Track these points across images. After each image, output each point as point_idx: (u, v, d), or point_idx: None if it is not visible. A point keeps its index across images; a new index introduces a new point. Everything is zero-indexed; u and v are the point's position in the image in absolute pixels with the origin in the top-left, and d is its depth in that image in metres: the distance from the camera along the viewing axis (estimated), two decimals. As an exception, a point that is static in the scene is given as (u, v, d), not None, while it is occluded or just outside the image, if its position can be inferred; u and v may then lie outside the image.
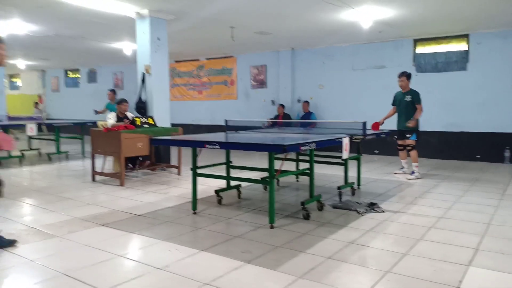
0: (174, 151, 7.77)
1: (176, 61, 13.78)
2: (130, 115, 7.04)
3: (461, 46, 9.07)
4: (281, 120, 9.77)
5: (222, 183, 5.69)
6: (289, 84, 11.40)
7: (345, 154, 4.72)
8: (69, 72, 17.32)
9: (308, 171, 4.65)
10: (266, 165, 4.12)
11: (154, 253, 3.33)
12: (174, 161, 7.50)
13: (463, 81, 9.04)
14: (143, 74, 7.58)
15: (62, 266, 3.03)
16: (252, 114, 11.96)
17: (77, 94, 16.85)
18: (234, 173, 5.51)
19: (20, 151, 8.82)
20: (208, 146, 4.05)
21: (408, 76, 6.94)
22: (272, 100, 11.78)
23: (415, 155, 6.88)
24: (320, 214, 4.48)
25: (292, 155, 6.34)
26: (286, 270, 2.95)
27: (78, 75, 16.97)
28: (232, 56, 12.61)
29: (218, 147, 4.05)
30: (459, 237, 3.70)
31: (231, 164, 5.32)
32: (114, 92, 10.13)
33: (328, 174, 6.94)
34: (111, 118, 6.86)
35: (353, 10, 7.05)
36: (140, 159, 7.17)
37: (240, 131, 5.84)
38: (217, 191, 4.98)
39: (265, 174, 5.30)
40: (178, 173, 7.05)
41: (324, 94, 10.93)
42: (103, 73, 15.97)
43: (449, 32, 9.00)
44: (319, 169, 6.79)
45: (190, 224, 4.13)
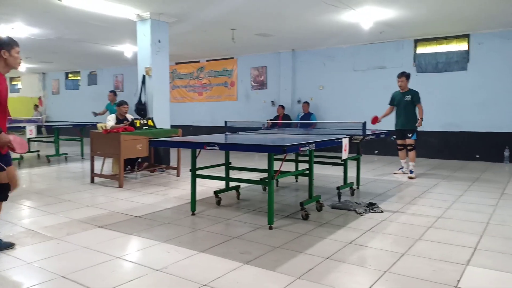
0: (173, 153, 7.77)
1: (176, 63, 13.80)
2: (129, 117, 7.05)
3: (461, 46, 9.07)
4: (281, 121, 9.77)
5: (221, 184, 5.69)
6: (289, 85, 11.40)
7: (345, 155, 4.72)
8: (70, 75, 17.36)
9: (308, 171, 4.65)
10: (265, 166, 4.12)
11: (153, 255, 3.32)
12: (173, 163, 7.50)
13: (464, 81, 9.04)
14: (144, 76, 7.59)
15: (60, 268, 3.03)
16: (252, 115, 11.97)
17: (78, 96, 16.89)
18: (233, 174, 5.51)
19: (19, 153, 8.83)
20: (207, 147, 4.05)
21: (407, 77, 6.97)
22: (272, 101, 11.78)
23: (414, 155, 6.91)
24: (319, 215, 4.48)
25: (292, 156, 6.34)
26: (285, 270, 2.94)
27: (79, 77, 17.01)
28: (233, 58, 12.63)
29: (218, 148, 4.04)
30: (458, 237, 3.70)
31: (230, 165, 5.32)
32: (115, 94, 10.15)
33: (327, 175, 6.94)
34: (110, 120, 6.87)
35: (353, 11, 7.06)
36: (139, 161, 7.18)
37: (240, 132, 5.84)
38: (216, 192, 4.97)
39: (265, 175, 5.32)
40: (177, 175, 7.05)
41: (324, 95, 10.93)
42: (103, 76, 16.00)
43: (449, 32, 9.00)
44: (318, 169, 6.80)
45: (189, 226, 4.13)
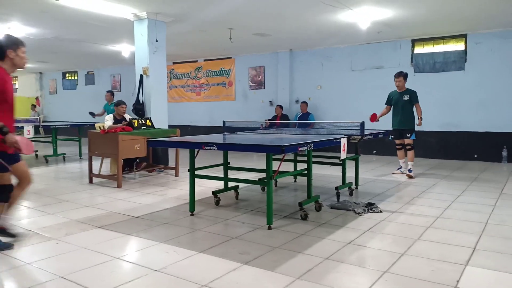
0: (171, 153, 7.76)
1: (174, 63, 13.78)
2: (127, 116, 7.03)
3: (459, 46, 9.09)
4: (279, 121, 9.77)
5: (220, 184, 5.68)
6: (287, 85, 11.41)
7: (343, 155, 4.72)
8: (67, 74, 17.31)
9: (306, 171, 4.65)
10: (264, 166, 4.11)
11: (152, 255, 3.32)
12: (171, 163, 7.49)
13: (461, 81, 9.06)
14: (141, 76, 7.57)
15: (59, 268, 3.02)
16: (250, 115, 11.96)
17: (75, 96, 16.84)
18: (232, 174, 5.51)
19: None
20: (206, 147, 4.04)
21: (405, 76, 7.00)
22: (270, 101, 11.78)
23: (413, 154, 6.96)
24: (318, 215, 4.48)
25: (290, 156, 6.34)
26: (284, 271, 2.94)
27: (76, 77, 16.96)
28: (231, 57, 12.62)
29: (216, 148, 4.04)
30: (456, 237, 3.70)
31: (229, 165, 5.32)
32: (112, 94, 10.10)
33: (326, 175, 6.94)
34: (108, 120, 6.86)
35: (351, 11, 7.07)
36: (137, 161, 7.16)
37: (238, 132, 5.83)
38: (214, 192, 4.96)
39: (263, 175, 5.32)
40: (176, 175, 7.04)
41: (322, 94, 10.94)
42: (101, 75, 15.97)
43: (447, 32, 9.02)
44: (317, 169, 6.80)
45: (187, 226, 4.12)
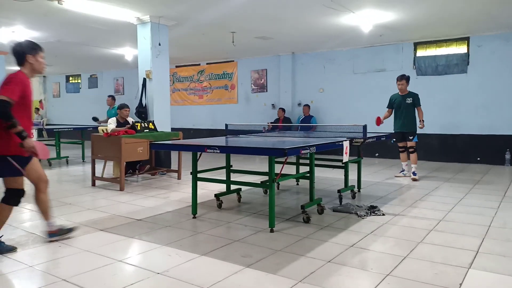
0: (174, 156, 7.77)
1: (176, 66, 13.82)
2: (130, 120, 7.05)
3: (461, 49, 9.09)
4: (281, 124, 9.77)
5: (222, 187, 5.69)
6: (289, 88, 11.42)
7: (346, 157, 4.71)
8: (70, 78, 17.38)
9: (309, 174, 4.65)
10: (266, 169, 4.12)
11: (154, 258, 3.32)
12: (174, 166, 7.50)
13: (464, 83, 9.05)
14: (144, 79, 7.60)
15: (61, 271, 3.03)
16: (252, 118, 11.97)
17: (78, 99, 16.90)
18: (234, 177, 5.50)
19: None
20: (208, 150, 4.05)
21: (407, 79, 7.02)
22: (272, 104, 11.79)
23: (416, 157, 6.97)
24: (321, 218, 4.47)
25: (293, 159, 6.34)
26: (287, 274, 2.93)
27: (79, 80, 17.03)
28: (233, 61, 12.65)
29: (218, 151, 4.04)
30: (459, 240, 3.69)
31: (231, 168, 5.32)
32: (113, 98, 10.10)
33: (328, 178, 6.94)
34: (111, 123, 6.88)
35: (353, 15, 7.08)
36: (140, 164, 7.18)
37: (240, 135, 5.84)
38: (217, 195, 4.97)
39: (265, 177, 5.32)
40: (178, 178, 7.05)
41: (324, 97, 10.94)
42: (104, 79, 16.02)
43: (449, 35, 9.02)
44: (319, 172, 6.78)
45: (190, 229, 4.13)
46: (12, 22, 7.80)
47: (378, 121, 6.83)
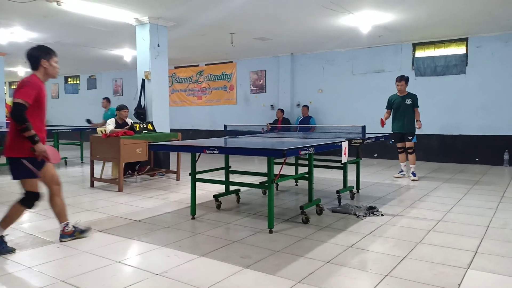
0: (173, 157, 7.76)
1: (175, 67, 13.82)
2: (129, 120, 7.05)
3: (460, 50, 9.10)
4: (280, 125, 9.78)
5: (221, 188, 5.68)
6: (288, 88, 11.42)
7: (344, 158, 4.72)
8: (69, 79, 17.37)
9: (307, 175, 4.65)
10: (265, 170, 4.12)
11: (153, 259, 3.32)
12: (173, 167, 7.50)
13: (462, 84, 9.07)
14: (143, 80, 7.60)
15: (60, 272, 3.02)
16: (251, 119, 11.98)
17: (77, 100, 16.88)
18: (233, 177, 5.50)
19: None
20: (207, 151, 4.05)
21: (407, 80, 7.05)
22: (271, 105, 11.80)
23: (414, 157, 7.01)
24: (319, 218, 4.47)
25: (291, 160, 6.34)
26: (286, 274, 2.93)
27: (78, 81, 17.01)
28: (232, 62, 12.65)
29: (217, 152, 4.04)
30: (458, 240, 3.69)
31: (230, 169, 5.32)
32: (108, 100, 10.07)
33: (327, 178, 6.94)
34: (110, 124, 6.87)
35: (352, 16, 7.08)
36: (139, 165, 7.17)
37: (239, 136, 5.84)
38: (216, 196, 4.96)
39: (264, 178, 5.32)
40: (177, 179, 7.05)
41: (323, 98, 10.95)
42: (103, 80, 16.01)
43: (448, 36, 9.03)
44: (318, 173, 6.79)
45: (189, 230, 4.12)
46: (11, 23, 7.80)
47: (382, 123, 6.99)
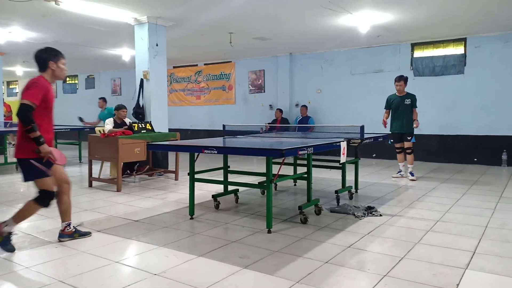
0: (171, 157, 7.76)
1: (174, 67, 13.81)
2: (127, 120, 7.04)
3: (458, 50, 9.12)
4: (279, 125, 9.78)
5: (220, 188, 5.68)
6: (287, 88, 11.43)
7: (343, 158, 4.72)
8: (67, 78, 17.33)
9: (306, 175, 4.65)
10: (264, 170, 4.11)
11: (151, 259, 3.31)
12: (171, 166, 7.49)
13: (461, 84, 9.08)
14: (141, 80, 7.59)
15: (58, 273, 3.02)
16: (250, 118, 11.98)
17: (75, 100, 16.86)
18: (231, 177, 5.50)
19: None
20: (205, 151, 4.04)
21: (406, 80, 7.07)
22: (270, 105, 11.80)
23: (413, 157, 7.05)
24: (318, 218, 4.47)
25: (290, 159, 6.34)
26: (284, 274, 2.93)
27: (76, 81, 16.99)
28: (231, 61, 12.65)
29: (216, 152, 4.04)
30: (457, 240, 3.70)
31: (228, 169, 5.32)
32: (105, 100, 10.07)
33: (326, 178, 6.94)
34: (108, 124, 6.86)
35: (351, 15, 7.09)
36: (138, 164, 7.16)
37: (238, 136, 5.83)
38: (214, 196, 4.96)
39: (263, 178, 5.32)
40: (176, 178, 7.04)
41: (322, 98, 10.95)
42: (101, 79, 15.99)
43: (446, 36, 9.05)
44: (316, 173, 6.79)
45: (187, 230, 4.12)
46: (9, 22, 7.78)
47: (385, 123, 7.14)
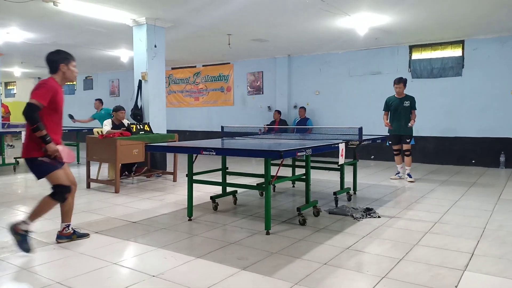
0: (170, 158, 7.75)
1: (172, 68, 13.81)
2: (126, 121, 7.03)
3: (456, 52, 9.14)
4: (277, 126, 9.78)
5: (218, 189, 5.68)
6: (285, 90, 11.43)
7: (341, 160, 4.72)
8: (66, 80, 17.29)
9: (304, 176, 4.65)
10: (262, 171, 4.11)
11: (150, 261, 3.30)
12: (170, 168, 7.48)
13: (459, 86, 9.10)
14: (140, 81, 7.58)
15: (56, 274, 3.01)
16: (248, 120, 11.98)
17: (73, 101, 16.80)
18: (230, 179, 5.50)
19: (15, 158, 8.78)
20: (204, 152, 4.04)
21: (405, 82, 7.10)
22: (268, 106, 11.80)
23: (411, 160, 7.08)
24: (316, 220, 4.47)
25: (289, 161, 6.34)
26: (282, 276, 2.93)
27: (74, 82, 16.95)
28: (229, 63, 12.65)
29: (214, 153, 4.04)
30: (455, 242, 3.70)
31: (227, 170, 5.31)
32: (101, 101, 10.14)
33: (324, 180, 6.94)
34: (107, 125, 6.85)
35: (349, 18, 7.10)
36: (136, 166, 7.15)
37: (236, 137, 5.83)
38: (213, 197, 4.96)
39: (261, 180, 5.31)
40: (174, 180, 7.03)
41: (320, 100, 10.96)
42: (99, 80, 15.97)
43: (444, 38, 9.07)
44: (315, 174, 6.79)
45: (185, 231, 4.11)
46: (7, 23, 7.76)
47: (389, 125, 7.10)
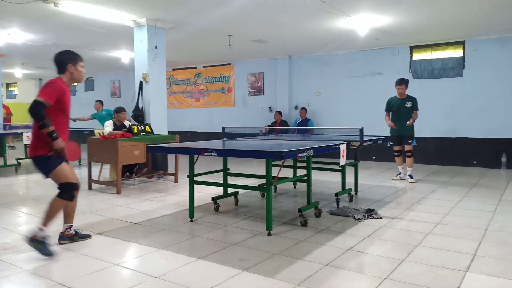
0: (171, 159, 7.76)
1: (173, 69, 13.82)
2: (127, 123, 7.03)
3: (457, 52, 9.14)
4: (278, 127, 9.78)
5: (219, 190, 5.68)
6: (286, 91, 11.44)
7: (342, 161, 4.72)
8: (67, 81, 17.32)
9: (306, 177, 4.64)
10: (263, 172, 4.11)
11: (151, 262, 3.31)
12: (171, 169, 7.48)
13: (460, 87, 9.10)
14: (141, 82, 7.59)
15: (57, 275, 3.01)
16: (249, 121, 11.98)
17: (74, 102, 16.76)
18: (231, 180, 5.50)
19: (17, 159, 8.80)
20: (205, 153, 4.04)
21: (407, 83, 7.09)
22: (269, 107, 11.81)
23: (412, 161, 7.06)
24: (318, 221, 4.47)
25: (290, 162, 6.34)
26: (284, 277, 2.93)
27: (75, 83, 16.96)
28: (230, 64, 12.65)
29: (215, 154, 4.04)
30: (456, 243, 3.69)
31: (228, 171, 5.31)
32: (101, 103, 10.19)
33: (325, 181, 6.94)
34: (108, 126, 6.86)
35: (350, 18, 7.10)
36: (137, 167, 7.15)
37: (237, 138, 5.84)
38: (214, 199, 4.96)
39: (263, 181, 5.31)
40: (175, 181, 7.03)
41: (321, 101, 10.96)
42: (100, 81, 15.99)
43: (445, 39, 9.07)
44: (316, 175, 6.79)
45: (187, 232, 4.11)
46: (8, 24, 7.77)
47: (392, 125, 7.07)
